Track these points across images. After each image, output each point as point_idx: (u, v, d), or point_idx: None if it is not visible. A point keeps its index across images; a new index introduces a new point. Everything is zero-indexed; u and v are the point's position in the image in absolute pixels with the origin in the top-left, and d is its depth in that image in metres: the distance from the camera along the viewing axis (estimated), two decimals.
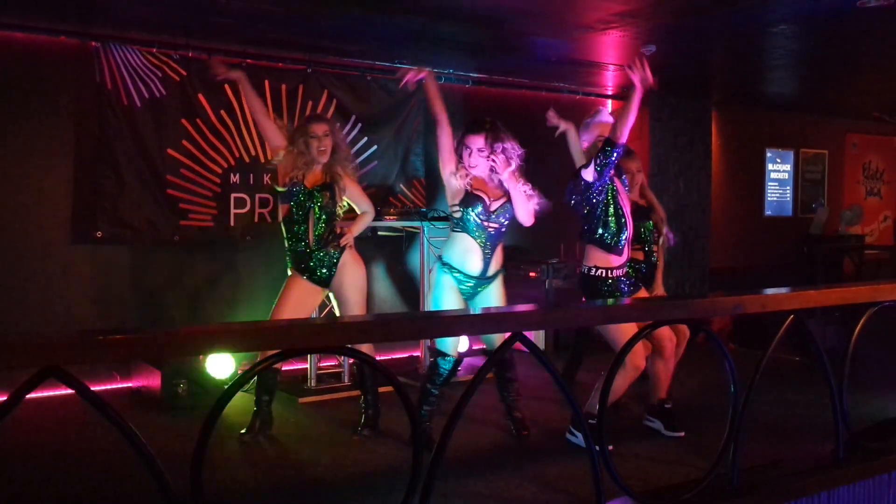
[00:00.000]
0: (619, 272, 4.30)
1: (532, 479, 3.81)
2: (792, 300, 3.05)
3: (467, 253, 4.20)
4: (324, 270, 4.45)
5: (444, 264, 4.23)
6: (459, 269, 4.20)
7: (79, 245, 5.57)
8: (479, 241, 4.19)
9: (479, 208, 4.17)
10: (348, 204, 4.64)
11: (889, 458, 3.40)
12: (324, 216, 4.42)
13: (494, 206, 4.19)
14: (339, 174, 4.49)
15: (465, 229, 4.19)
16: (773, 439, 4.37)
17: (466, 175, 4.19)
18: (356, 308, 4.52)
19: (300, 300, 4.43)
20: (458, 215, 4.21)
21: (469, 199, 4.17)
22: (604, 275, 4.27)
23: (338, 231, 4.50)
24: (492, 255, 4.25)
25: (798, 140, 9.98)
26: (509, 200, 4.23)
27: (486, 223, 4.19)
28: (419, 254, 6.05)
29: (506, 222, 4.28)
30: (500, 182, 4.22)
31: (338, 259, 4.47)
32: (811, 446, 4.15)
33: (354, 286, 4.53)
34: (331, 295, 4.63)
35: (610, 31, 5.75)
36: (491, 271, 4.28)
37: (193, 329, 2.03)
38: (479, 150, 4.17)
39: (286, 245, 4.49)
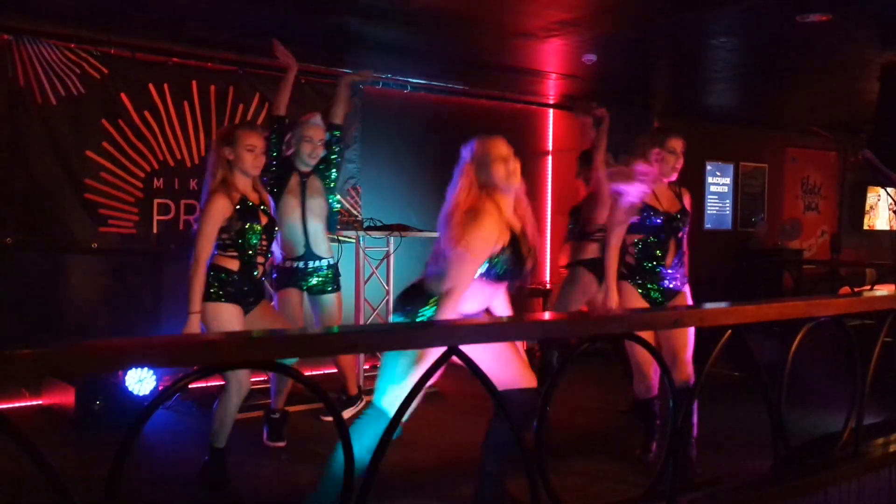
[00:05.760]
0: None
1: (468, 499, 3.65)
2: (730, 315, 3.00)
3: None
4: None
5: None
6: None
7: None
8: None
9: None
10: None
11: (827, 474, 3.38)
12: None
13: None
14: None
15: None
16: (712, 456, 4.30)
17: None
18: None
19: None
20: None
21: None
22: None
23: None
24: None
25: (738, 153, 10.07)
26: None
27: None
28: (354, 265, 5.81)
29: None
30: None
31: None
32: (749, 462, 4.11)
33: None
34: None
35: (551, 39, 5.68)
36: None
37: (109, 343, 1.88)
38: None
39: None
